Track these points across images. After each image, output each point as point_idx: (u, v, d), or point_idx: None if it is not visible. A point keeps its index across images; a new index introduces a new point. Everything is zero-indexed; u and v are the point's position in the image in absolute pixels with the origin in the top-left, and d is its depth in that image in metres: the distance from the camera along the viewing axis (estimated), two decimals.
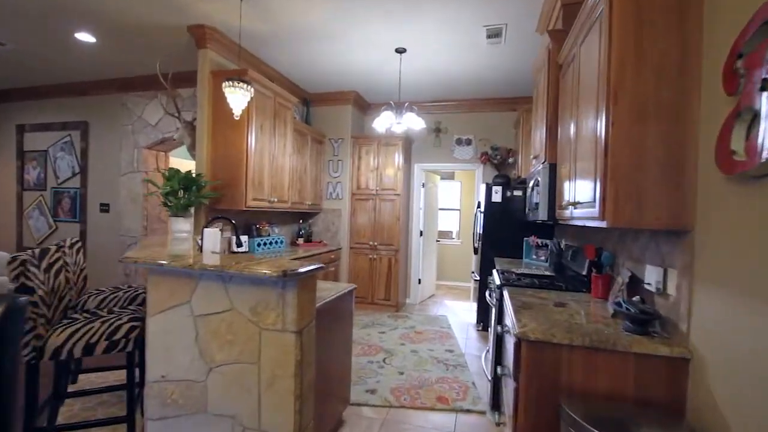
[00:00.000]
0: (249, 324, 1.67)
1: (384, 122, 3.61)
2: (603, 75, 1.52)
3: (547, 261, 3.75)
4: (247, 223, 4.06)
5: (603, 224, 1.50)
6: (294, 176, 4.43)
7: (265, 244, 4.15)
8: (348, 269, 5.18)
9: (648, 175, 1.42)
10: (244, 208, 3.46)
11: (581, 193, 1.79)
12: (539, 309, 1.84)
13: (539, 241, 3.90)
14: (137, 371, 2.07)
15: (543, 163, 2.53)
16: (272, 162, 3.84)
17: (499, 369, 2.05)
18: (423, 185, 5.62)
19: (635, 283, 1.77)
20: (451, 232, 7.54)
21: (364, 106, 5.51)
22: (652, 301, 1.63)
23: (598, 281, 2.16)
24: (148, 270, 1.83)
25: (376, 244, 5.11)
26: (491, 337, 2.91)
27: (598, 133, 1.55)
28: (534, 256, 3.95)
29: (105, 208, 5.03)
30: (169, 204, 3.16)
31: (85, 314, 2.08)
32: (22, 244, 5.56)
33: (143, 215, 4.80)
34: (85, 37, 3.62)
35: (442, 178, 6.97)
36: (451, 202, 7.52)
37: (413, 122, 3.65)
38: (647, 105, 1.43)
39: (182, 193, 3.19)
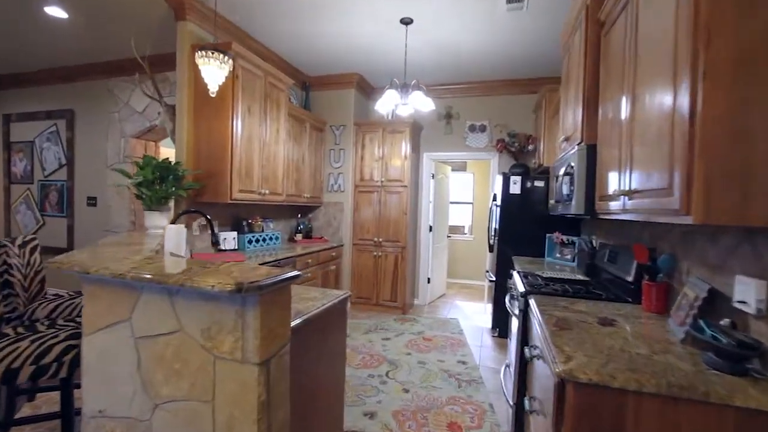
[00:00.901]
0: (201, 351, 1.28)
1: (387, 103, 3.18)
2: (686, 12, 1.07)
3: (573, 260, 3.30)
4: (237, 218, 3.68)
5: (687, 220, 1.06)
6: (290, 166, 4.03)
7: (257, 240, 3.77)
8: (351, 268, 4.79)
9: (758, 150, 0.98)
10: (230, 201, 3.08)
11: (642, 179, 1.34)
12: (582, 330, 1.41)
13: (564, 238, 3.45)
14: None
15: (578, 144, 2.08)
16: (263, 150, 3.44)
17: (526, 402, 1.63)
18: (433, 176, 5.17)
19: (715, 299, 1.33)
20: (463, 227, 7.09)
21: (368, 90, 5.07)
22: (747, 325, 1.19)
23: (651, 291, 1.72)
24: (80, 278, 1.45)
25: (381, 240, 4.70)
26: (511, 349, 2.49)
27: (677, 95, 1.11)
28: (558, 255, 3.50)
29: (92, 202, 4.72)
30: (142, 196, 2.80)
31: (20, 329, 1.72)
32: None
33: (131, 209, 4.47)
34: (55, 11, 3.26)
35: (453, 170, 6.51)
36: (463, 195, 7.05)
37: (421, 103, 3.21)
38: (756, 48, 0.98)
39: (158, 184, 2.82)
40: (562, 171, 2.31)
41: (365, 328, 4.04)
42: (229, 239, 3.46)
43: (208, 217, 2.33)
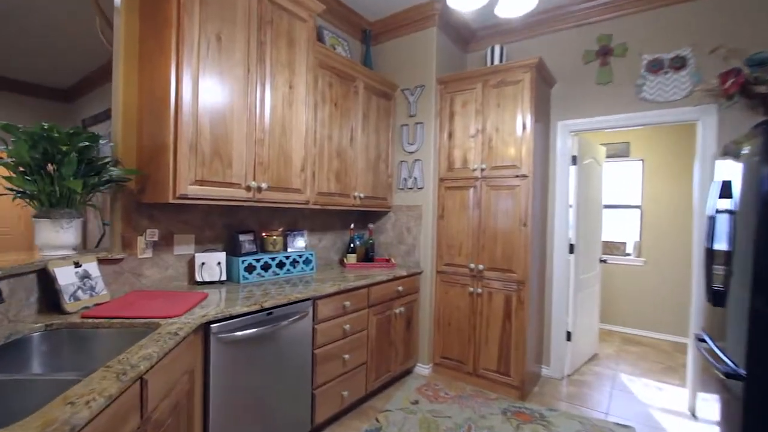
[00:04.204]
0: None
1: None
2: None
3: None
4: (236, 227, 2.32)
5: None
6: (324, 148, 2.54)
7: (266, 267, 2.35)
8: (432, 310, 3.03)
9: None
10: (173, 201, 1.70)
11: None
12: None
13: None
14: None
15: None
16: (256, 115, 2.01)
17: None
18: (574, 161, 3.08)
19: None
20: (623, 244, 4.60)
21: (460, 30, 3.29)
22: None
23: None
24: None
25: (482, 268, 2.83)
26: None
27: None
28: None
29: None
30: (18, 192, 1.62)
31: None
32: None
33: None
34: None
35: (607, 157, 4.15)
36: (623, 194, 4.59)
37: None
38: None
39: (46, 171, 1.60)
40: None
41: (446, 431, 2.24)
42: (210, 264, 2.11)
43: None
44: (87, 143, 1.62)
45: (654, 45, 2.69)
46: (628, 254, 4.53)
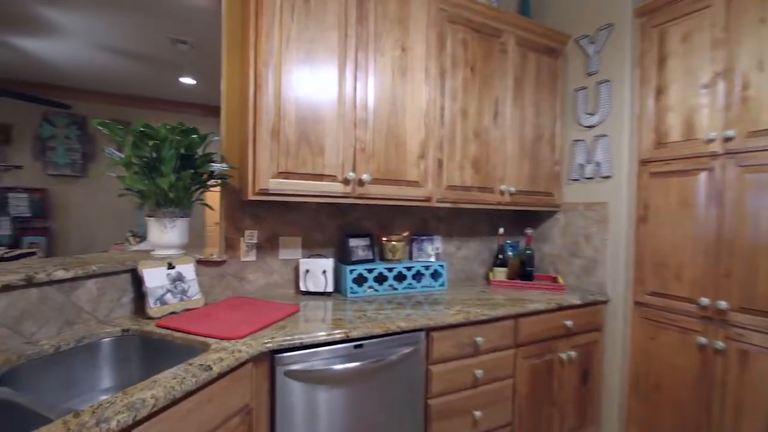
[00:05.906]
0: None
1: None
2: None
3: None
4: (348, 228, 1.98)
5: None
6: (457, 127, 1.93)
7: (381, 279, 1.93)
8: (625, 362, 1.99)
9: None
10: (253, 198, 1.44)
11: None
12: None
13: None
14: None
15: None
16: (354, 90, 1.60)
17: None
18: None
19: None
20: None
21: None
22: None
23: None
24: None
25: (724, 307, 1.67)
26: None
27: None
28: None
29: None
30: (129, 189, 1.64)
31: None
32: None
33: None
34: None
35: None
36: None
37: None
38: None
39: (146, 170, 1.58)
40: None
41: None
42: (314, 272, 1.82)
43: None
44: (179, 138, 1.52)
45: None
46: None
